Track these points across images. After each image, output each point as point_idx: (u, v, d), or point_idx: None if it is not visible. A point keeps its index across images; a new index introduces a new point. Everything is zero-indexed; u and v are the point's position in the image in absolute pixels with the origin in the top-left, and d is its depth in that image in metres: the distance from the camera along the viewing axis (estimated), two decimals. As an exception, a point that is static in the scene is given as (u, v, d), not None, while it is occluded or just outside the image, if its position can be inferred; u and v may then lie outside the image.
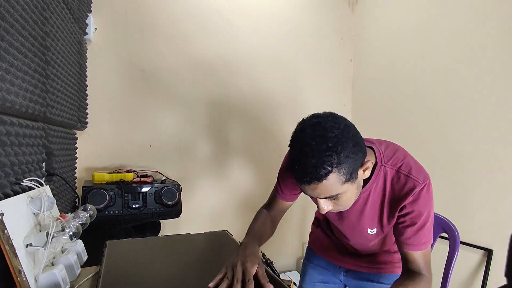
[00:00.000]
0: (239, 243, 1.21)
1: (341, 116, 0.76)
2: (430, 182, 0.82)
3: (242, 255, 0.78)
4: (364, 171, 0.77)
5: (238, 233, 1.18)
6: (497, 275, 1.48)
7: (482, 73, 1.56)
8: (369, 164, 0.77)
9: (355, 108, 2.49)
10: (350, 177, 0.73)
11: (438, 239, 1.37)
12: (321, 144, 0.69)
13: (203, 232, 1.23)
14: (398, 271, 1.00)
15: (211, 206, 2.11)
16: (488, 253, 1.50)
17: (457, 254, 1.25)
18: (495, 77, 1.50)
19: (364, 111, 2.40)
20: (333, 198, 0.77)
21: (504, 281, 0.45)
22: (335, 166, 0.69)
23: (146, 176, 1.68)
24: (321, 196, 0.75)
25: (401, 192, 0.83)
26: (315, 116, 0.74)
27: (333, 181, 0.71)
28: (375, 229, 0.94)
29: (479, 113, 1.57)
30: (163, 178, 1.81)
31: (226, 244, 1.18)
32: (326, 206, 0.79)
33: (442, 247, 1.38)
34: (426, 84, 1.86)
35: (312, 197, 0.81)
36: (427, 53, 1.86)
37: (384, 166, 0.84)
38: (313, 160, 0.69)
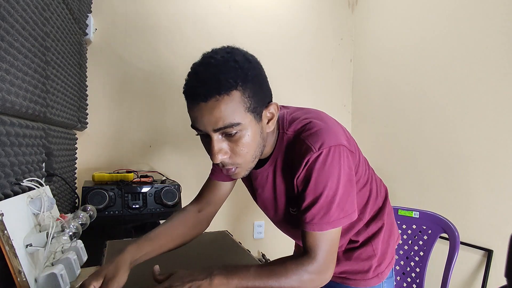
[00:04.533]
0: (239, 243, 1.21)
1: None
2: (333, 149, 0.64)
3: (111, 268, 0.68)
4: (268, 119, 0.67)
5: (238, 233, 1.19)
6: (497, 275, 1.48)
7: (482, 73, 1.56)
8: (274, 108, 0.66)
9: (355, 108, 2.48)
10: (256, 108, 0.61)
11: (438, 239, 1.37)
12: (228, 59, 0.58)
13: (203, 232, 1.23)
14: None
15: (211, 206, 2.11)
16: (488, 253, 1.50)
17: (457, 254, 1.25)
18: (495, 76, 1.51)
19: (364, 111, 2.40)
20: (230, 135, 0.61)
21: (504, 282, 0.45)
22: (240, 82, 0.57)
23: (146, 176, 1.68)
24: (217, 126, 0.59)
25: (294, 159, 0.68)
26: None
27: (236, 102, 0.57)
28: (296, 208, 0.76)
29: (480, 113, 1.57)
30: (163, 178, 1.81)
31: (226, 244, 1.19)
32: (218, 148, 0.61)
33: (442, 247, 1.38)
34: (426, 84, 1.86)
35: (205, 145, 0.65)
36: (427, 53, 1.86)
37: (286, 132, 0.72)
38: (214, 70, 0.57)
